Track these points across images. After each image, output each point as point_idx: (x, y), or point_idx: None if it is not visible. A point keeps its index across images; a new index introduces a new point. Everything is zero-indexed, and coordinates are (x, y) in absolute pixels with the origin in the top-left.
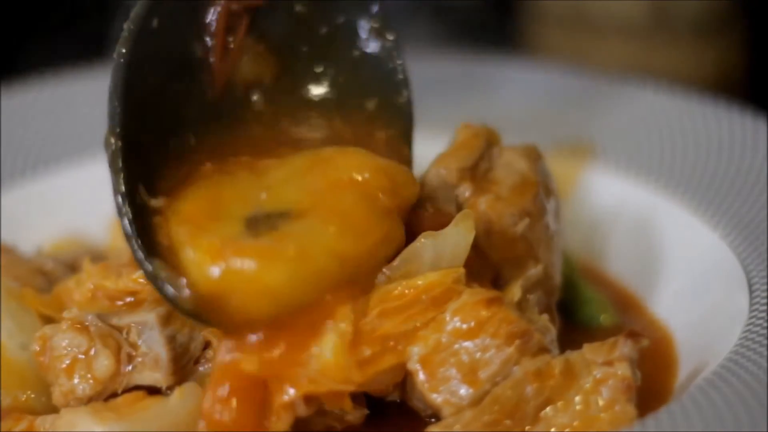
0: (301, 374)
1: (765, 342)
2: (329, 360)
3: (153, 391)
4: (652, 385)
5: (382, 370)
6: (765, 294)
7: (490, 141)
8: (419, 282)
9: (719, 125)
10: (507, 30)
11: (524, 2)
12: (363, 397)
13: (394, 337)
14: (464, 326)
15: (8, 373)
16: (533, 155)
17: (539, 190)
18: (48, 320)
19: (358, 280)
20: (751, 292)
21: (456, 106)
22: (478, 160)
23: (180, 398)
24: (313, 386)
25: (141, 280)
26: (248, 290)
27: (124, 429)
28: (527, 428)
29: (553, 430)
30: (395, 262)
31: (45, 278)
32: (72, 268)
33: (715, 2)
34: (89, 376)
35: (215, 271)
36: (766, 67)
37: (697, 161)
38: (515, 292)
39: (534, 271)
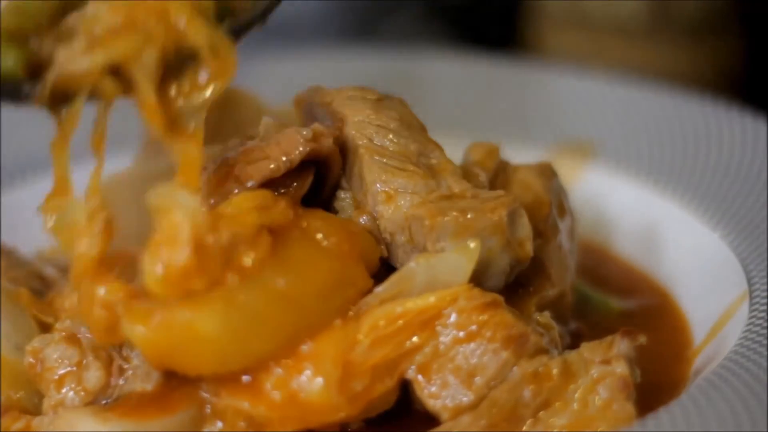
0: (291, 414)
1: (765, 342)
2: (318, 402)
3: None
4: (664, 378)
5: (374, 398)
6: (765, 294)
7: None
8: (410, 305)
9: (719, 125)
10: (507, 30)
11: (524, 2)
12: None
13: (387, 364)
14: (462, 331)
15: (2, 372)
16: (547, 173)
17: (551, 209)
18: (43, 323)
19: (322, 322)
20: (751, 292)
21: (456, 106)
22: (493, 179)
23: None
24: (304, 424)
25: None
26: (188, 346)
27: (126, 429)
28: (525, 430)
29: (553, 431)
30: (380, 288)
31: (42, 282)
32: (68, 273)
33: (713, 3)
34: (80, 387)
35: (143, 330)
36: (764, 67)
37: (696, 161)
38: (530, 310)
39: (551, 292)
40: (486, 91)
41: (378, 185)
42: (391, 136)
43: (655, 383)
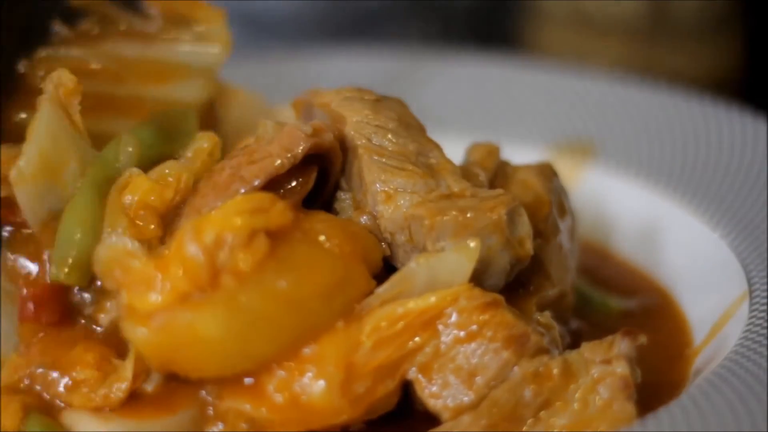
0: (292, 416)
1: (765, 342)
2: (320, 404)
3: None
4: (664, 378)
5: (376, 400)
6: (765, 294)
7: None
8: (412, 306)
9: (719, 125)
10: (507, 30)
11: (524, 2)
12: None
13: (389, 365)
14: (462, 331)
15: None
16: (547, 173)
17: (552, 209)
18: None
19: (324, 324)
20: (751, 292)
21: (456, 106)
22: (493, 179)
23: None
24: (306, 426)
25: None
26: (189, 348)
27: (126, 429)
28: (525, 430)
29: (553, 431)
30: (381, 289)
31: None
32: None
33: (713, 3)
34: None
35: (144, 332)
36: (763, 67)
37: (697, 161)
38: (531, 310)
39: (551, 291)
40: (486, 91)
41: (377, 185)
42: (389, 136)
43: (655, 383)
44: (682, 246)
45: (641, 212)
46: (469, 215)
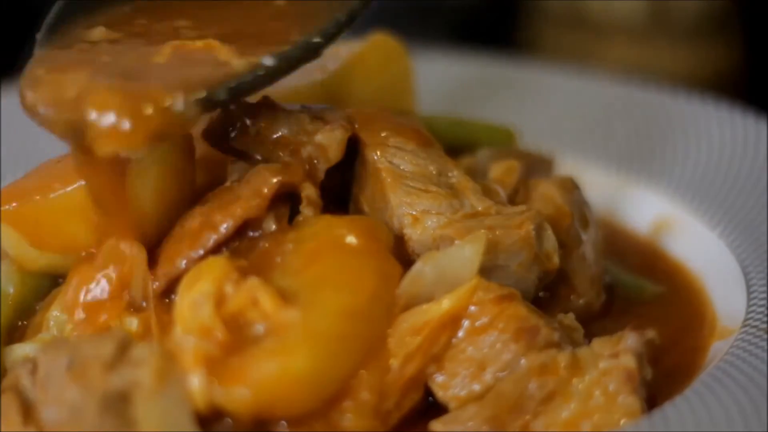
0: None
1: (762, 344)
2: (354, 428)
3: None
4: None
5: (406, 412)
6: (764, 295)
7: (525, 172)
8: (432, 313)
9: (720, 125)
10: (507, 30)
11: (524, 2)
12: None
13: (416, 376)
14: (476, 323)
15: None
16: (568, 186)
17: (573, 221)
18: None
19: (382, 321)
20: (749, 293)
21: (455, 106)
22: (513, 195)
23: None
24: None
25: None
26: (286, 391)
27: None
28: (528, 422)
29: (555, 423)
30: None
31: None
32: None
33: (713, 3)
34: None
35: (247, 392)
36: (762, 67)
37: (697, 161)
38: (554, 314)
39: (576, 301)
40: (485, 90)
41: (403, 208)
42: (409, 157)
43: (653, 382)
44: (682, 246)
45: (641, 212)
46: (498, 233)
